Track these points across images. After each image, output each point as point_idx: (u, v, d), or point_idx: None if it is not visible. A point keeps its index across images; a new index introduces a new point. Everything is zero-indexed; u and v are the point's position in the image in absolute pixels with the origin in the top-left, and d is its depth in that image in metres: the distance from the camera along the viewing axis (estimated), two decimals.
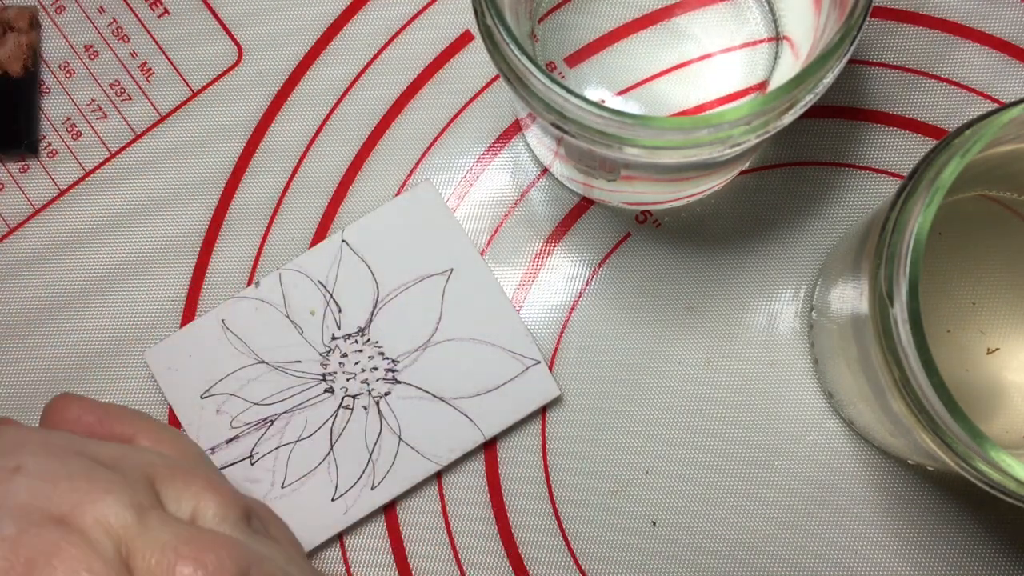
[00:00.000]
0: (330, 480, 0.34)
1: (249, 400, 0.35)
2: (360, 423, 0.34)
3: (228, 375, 0.35)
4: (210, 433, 0.35)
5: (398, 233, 0.35)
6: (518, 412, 0.34)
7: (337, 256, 0.35)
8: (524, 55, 0.25)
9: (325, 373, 0.35)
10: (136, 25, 0.38)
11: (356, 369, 0.35)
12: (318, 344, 0.35)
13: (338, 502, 0.34)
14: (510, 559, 0.34)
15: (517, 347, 0.34)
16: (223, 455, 0.34)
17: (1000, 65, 0.36)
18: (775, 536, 0.34)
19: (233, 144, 0.37)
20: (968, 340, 0.30)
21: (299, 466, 0.34)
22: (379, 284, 0.35)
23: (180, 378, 0.35)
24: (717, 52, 0.33)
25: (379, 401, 0.34)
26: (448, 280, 0.35)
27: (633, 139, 0.25)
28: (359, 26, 0.38)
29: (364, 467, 0.34)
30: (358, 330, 0.35)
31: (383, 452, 0.34)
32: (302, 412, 0.35)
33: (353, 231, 0.35)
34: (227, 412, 0.35)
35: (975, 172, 0.28)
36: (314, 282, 0.35)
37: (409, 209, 0.35)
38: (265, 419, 0.35)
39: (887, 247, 0.24)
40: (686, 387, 0.35)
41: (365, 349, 0.35)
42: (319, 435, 0.34)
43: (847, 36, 0.25)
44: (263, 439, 0.34)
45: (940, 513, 0.34)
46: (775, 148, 0.36)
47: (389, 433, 0.34)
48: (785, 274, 0.35)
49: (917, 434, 0.24)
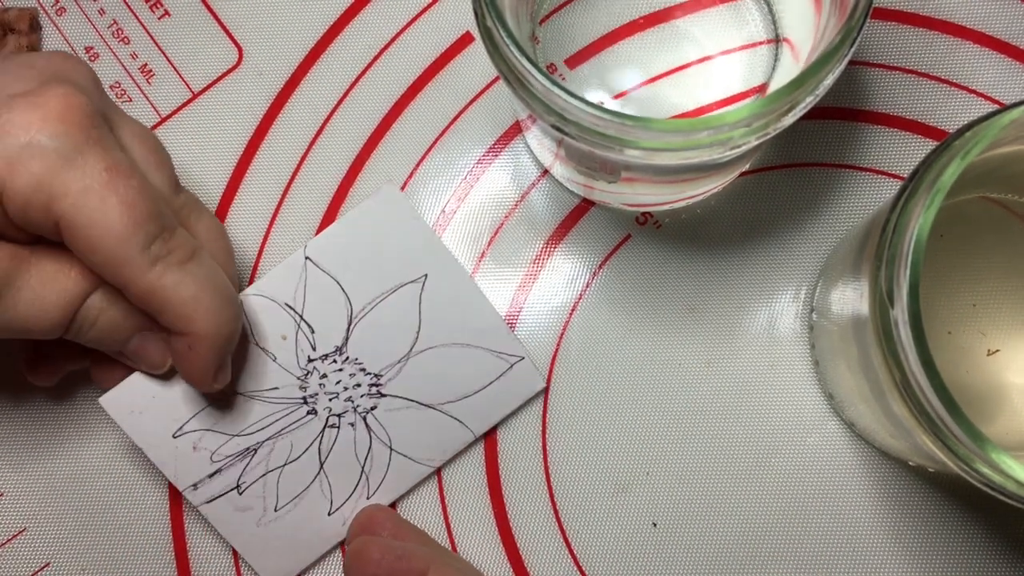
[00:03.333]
0: (324, 496, 0.34)
1: (227, 433, 0.33)
2: (348, 439, 0.34)
3: (200, 411, 0.33)
4: (189, 469, 0.33)
5: (364, 243, 0.34)
6: (507, 407, 0.34)
7: (302, 275, 0.33)
8: (524, 57, 0.25)
9: (306, 396, 0.34)
10: (136, 27, 0.38)
11: (338, 388, 0.34)
12: (294, 368, 0.33)
13: (335, 515, 0.34)
14: (510, 559, 0.34)
15: (500, 346, 0.34)
16: (207, 489, 0.33)
17: (1001, 66, 0.36)
18: (775, 537, 0.34)
19: (234, 145, 0.37)
20: (968, 342, 0.30)
21: (290, 488, 0.34)
22: (351, 299, 0.34)
23: (146, 420, 0.33)
24: (717, 54, 0.33)
25: (366, 416, 0.34)
26: (423, 287, 0.34)
27: (633, 141, 0.25)
28: (359, 27, 0.38)
29: (358, 480, 0.34)
30: (335, 349, 0.34)
31: (375, 464, 0.34)
32: (286, 437, 0.33)
33: (316, 246, 0.33)
34: (205, 448, 0.33)
35: (975, 174, 0.28)
36: (280, 305, 0.33)
37: (374, 216, 0.34)
38: (247, 449, 0.33)
39: (888, 249, 0.24)
40: (687, 388, 0.35)
41: (345, 367, 0.34)
42: (307, 457, 0.34)
43: (847, 38, 0.25)
44: (248, 468, 0.33)
45: (941, 514, 0.34)
46: (775, 150, 0.36)
47: (380, 445, 0.34)
48: (786, 275, 0.35)
49: (918, 436, 0.24)
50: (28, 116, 0.27)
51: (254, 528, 0.34)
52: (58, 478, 0.36)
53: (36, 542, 0.35)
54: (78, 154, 0.27)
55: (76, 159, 0.27)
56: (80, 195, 0.27)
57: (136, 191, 0.28)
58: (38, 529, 0.36)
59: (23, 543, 0.35)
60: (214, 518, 0.33)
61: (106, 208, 0.27)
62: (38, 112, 0.27)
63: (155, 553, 0.35)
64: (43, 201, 0.27)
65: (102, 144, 0.28)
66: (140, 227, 0.28)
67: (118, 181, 0.27)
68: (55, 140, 0.27)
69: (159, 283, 0.28)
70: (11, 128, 0.27)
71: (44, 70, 0.29)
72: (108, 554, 0.35)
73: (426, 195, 0.36)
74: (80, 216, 0.27)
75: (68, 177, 0.27)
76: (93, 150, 0.27)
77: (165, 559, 0.35)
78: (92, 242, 0.27)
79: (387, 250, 0.34)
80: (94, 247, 0.27)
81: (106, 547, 0.35)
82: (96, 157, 0.27)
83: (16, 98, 0.27)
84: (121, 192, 0.27)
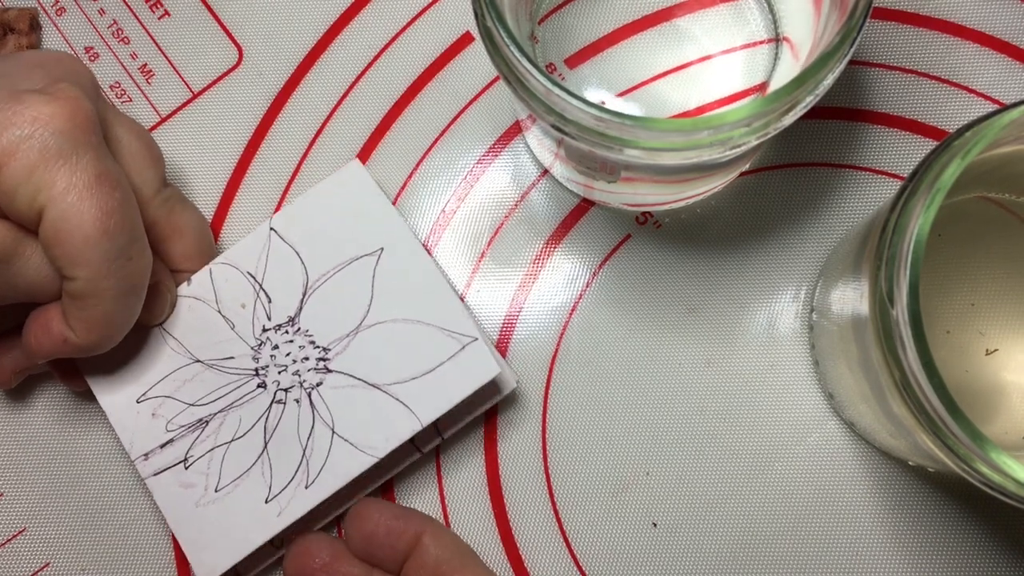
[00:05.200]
0: (264, 480, 0.33)
1: (184, 401, 0.33)
2: (293, 418, 0.33)
3: (165, 377, 0.34)
4: (144, 438, 0.33)
5: (327, 217, 0.34)
6: (457, 394, 0.32)
7: (266, 245, 0.34)
8: (524, 56, 0.25)
9: (257, 368, 0.33)
10: (136, 27, 0.38)
11: (287, 361, 0.33)
12: (249, 338, 0.34)
13: (272, 504, 0.33)
14: (510, 559, 0.34)
15: (452, 324, 0.33)
16: (157, 460, 0.33)
17: (1000, 66, 0.36)
18: (776, 537, 0.34)
19: (234, 145, 0.37)
20: (967, 341, 0.30)
21: (233, 467, 0.33)
22: (308, 270, 0.34)
23: (114, 382, 0.34)
24: (717, 53, 0.34)
25: (311, 393, 0.33)
26: (378, 261, 0.33)
27: (633, 141, 0.25)
28: (359, 27, 0.38)
29: (298, 464, 0.33)
30: (288, 319, 0.33)
31: (316, 447, 0.33)
32: (236, 410, 0.33)
33: (281, 218, 0.34)
34: (163, 415, 0.33)
35: (975, 174, 0.28)
36: (243, 274, 0.34)
37: (338, 191, 0.34)
38: (200, 420, 0.33)
39: (887, 248, 0.24)
40: (687, 388, 0.35)
41: (296, 339, 0.33)
42: (253, 433, 0.33)
43: (847, 37, 0.25)
44: (198, 441, 0.33)
45: (941, 514, 0.34)
46: (776, 149, 0.36)
47: (322, 426, 0.33)
48: (786, 275, 0.35)
49: (917, 435, 0.24)
50: (38, 111, 0.28)
51: (192, 509, 0.33)
52: (58, 478, 0.36)
53: (36, 542, 0.35)
54: (74, 155, 0.28)
55: (71, 159, 0.28)
56: (64, 191, 0.28)
57: (117, 203, 0.29)
58: (38, 529, 0.36)
59: (23, 543, 0.35)
60: (158, 494, 0.33)
61: (83, 208, 0.28)
62: (47, 108, 0.28)
63: (155, 553, 0.35)
64: (30, 191, 0.28)
65: (97, 152, 0.29)
66: (110, 237, 0.29)
67: (103, 188, 0.29)
68: (57, 138, 0.28)
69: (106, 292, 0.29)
70: (18, 119, 0.28)
71: (53, 70, 0.31)
72: (108, 554, 0.35)
73: (426, 195, 0.36)
74: (56, 209, 0.28)
75: (59, 173, 0.28)
76: (88, 155, 0.29)
77: (165, 559, 0.35)
78: (60, 235, 0.28)
79: (347, 223, 0.34)
80: (60, 240, 0.28)
81: (106, 547, 0.35)
82: (89, 161, 0.29)
83: (28, 92, 0.29)
84: (102, 200, 0.29)
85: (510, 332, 0.36)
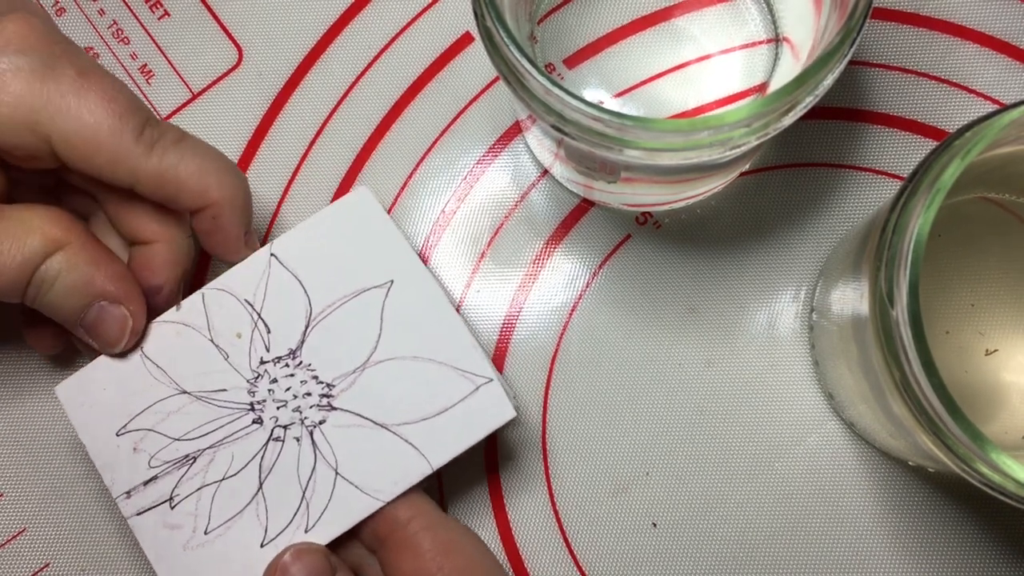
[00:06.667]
0: (259, 523, 0.31)
1: (169, 436, 0.31)
2: (292, 457, 0.31)
3: (146, 408, 0.31)
4: (126, 475, 0.31)
5: (333, 244, 0.32)
6: (470, 438, 0.31)
7: (265, 271, 0.32)
8: (524, 56, 0.25)
9: (253, 402, 0.31)
10: (136, 27, 0.38)
11: (287, 396, 0.31)
12: (245, 370, 0.31)
13: (268, 547, 0.30)
14: (510, 559, 0.34)
15: (465, 364, 0.31)
16: (140, 499, 0.31)
17: (1000, 66, 0.36)
18: (776, 537, 0.34)
19: (233, 145, 0.37)
20: (967, 341, 0.30)
21: (224, 508, 0.31)
22: (311, 300, 0.32)
23: (94, 414, 0.31)
24: (717, 53, 0.34)
25: (313, 431, 0.31)
26: (388, 293, 0.32)
27: (633, 141, 0.25)
28: (359, 28, 0.38)
29: (297, 507, 0.31)
30: (289, 352, 0.31)
31: (318, 489, 0.31)
32: (227, 447, 0.31)
33: (283, 243, 0.32)
34: (145, 450, 0.31)
35: (975, 174, 0.28)
36: (240, 301, 0.32)
37: (345, 217, 0.32)
38: (187, 456, 0.31)
39: (887, 249, 0.24)
40: (687, 388, 0.35)
41: (297, 373, 0.31)
42: (247, 472, 0.31)
43: (847, 37, 0.25)
44: (184, 479, 0.31)
45: (941, 514, 0.34)
46: (775, 150, 0.36)
47: (324, 467, 0.31)
48: (785, 276, 0.35)
49: (917, 435, 0.24)
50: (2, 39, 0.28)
51: (180, 552, 0.31)
52: (58, 478, 0.36)
53: (36, 542, 0.35)
54: (49, 68, 0.28)
55: (48, 72, 0.28)
56: (62, 103, 0.28)
57: (112, 86, 0.29)
58: (38, 529, 0.36)
59: (23, 543, 0.35)
60: (142, 535, 0.31)
61: (90, 107, 0.28)
62: (1, 38, 0.28)
63: None
64: (28, 119, 0.28)
65: (68, 54, 0.29)
66: (127, 118, 0.29)
67: (93, 82, 0.28)
68: (23, 57, 0.28)
69: (164, 164, 0.29)
70: None
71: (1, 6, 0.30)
72: (108, 554, 0.35)
73: (426, 195, 0.36)
74: (68, 123, 0.28)
75: (46, 89, 0.28)
76: (61, 60, 0.28)
77: None
78: (88, 146, 0.28)
79: (354, 252, 0.32)
80: (92, 150, 0.28)
81: (106, 547, 0.35)
82: (66, 64, 0.28)
83: None
84: (98, 91, 0.28)
85: (510, 332, 0.36)
